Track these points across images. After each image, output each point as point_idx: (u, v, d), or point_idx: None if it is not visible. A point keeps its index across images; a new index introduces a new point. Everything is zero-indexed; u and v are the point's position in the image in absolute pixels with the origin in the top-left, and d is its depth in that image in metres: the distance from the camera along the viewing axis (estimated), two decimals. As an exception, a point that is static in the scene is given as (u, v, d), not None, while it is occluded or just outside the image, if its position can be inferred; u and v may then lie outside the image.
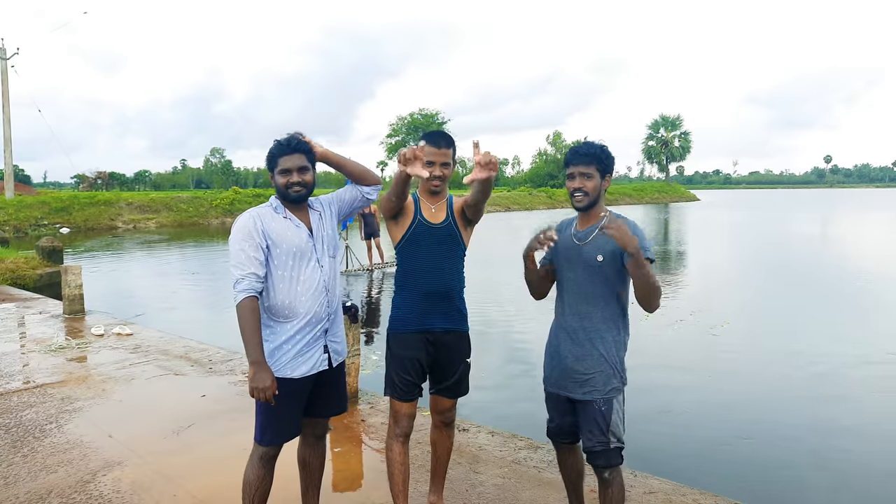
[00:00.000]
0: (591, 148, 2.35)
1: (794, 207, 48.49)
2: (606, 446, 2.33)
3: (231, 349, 6.13)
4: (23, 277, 11.19)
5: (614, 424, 2.32)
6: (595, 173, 2.33)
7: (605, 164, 2.35)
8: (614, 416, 2.32)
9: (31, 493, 3.15)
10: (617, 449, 2.35)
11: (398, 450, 2.61)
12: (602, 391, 2.31)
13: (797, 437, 4.68)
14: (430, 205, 2.62)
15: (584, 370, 2.33)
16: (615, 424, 2.33)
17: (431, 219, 2.59)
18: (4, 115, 30.10)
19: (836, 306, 9.77)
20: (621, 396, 2.36)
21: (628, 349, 2.39)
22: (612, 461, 2.35)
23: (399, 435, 2.61)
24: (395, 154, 61.10)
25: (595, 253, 2.31)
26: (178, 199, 35.79)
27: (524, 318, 8.84)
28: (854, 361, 6.61)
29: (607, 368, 2.31)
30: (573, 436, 2.50)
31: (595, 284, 2.32)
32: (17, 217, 28.25)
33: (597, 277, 2.31)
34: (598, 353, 2.32)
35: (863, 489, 3.96)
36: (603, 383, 2.31)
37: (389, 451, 2.63)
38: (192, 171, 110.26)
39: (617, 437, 2.33)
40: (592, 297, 2.33)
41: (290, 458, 3.57)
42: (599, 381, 2.32)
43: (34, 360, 5.70)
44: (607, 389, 2.31)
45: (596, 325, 2.33)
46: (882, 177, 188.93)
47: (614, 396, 2.33)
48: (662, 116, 79.83)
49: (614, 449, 2.34)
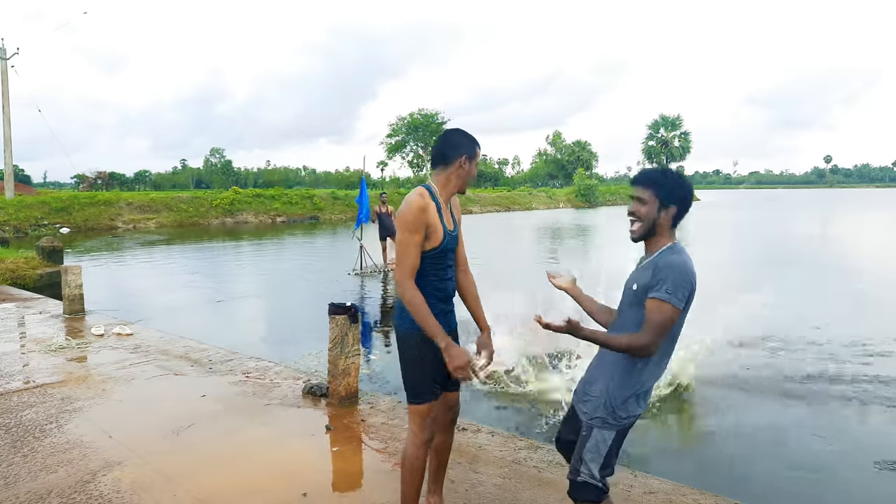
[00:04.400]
0: (652, 172, 2.20)
1: (807, 208, 48.43)
2: (574, 476, 2.22)
3: (231, 349, 6.14)
4: (23, 277, 11.19)
5: (587, 454, 2.19)
6: (652, 199, 2.17)
7: (666, 190, 2.16)
8: (589, 445, 2.18)
9: (31, 493, 3.15)
10: (584, 484, 2.19)
11: (426, 457, 2.57)
12: (589, 415, 2.21)
13: (797, 436, 4.69)
14: (449, 212, 2.52)
15: (588, 391, 2.26)
16: (588, 454, 2.19)
17: (450, 226, 2.51)
18: (4, 115, 30.10)
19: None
20: (608, 434, 2.18)
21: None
22: (575, 494, 2.23)
23: (428, 441, 2.55)
24: (394, 154, 61.16)
25: (633, 281, 2.21)
26: (178, 199, 35.79)
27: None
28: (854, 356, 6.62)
29: (603, 397, 2.19)
30: (570, 452, 2.41)
31: (628, 312, 2.21)
32: (17, 217, 28.25)
33: (630, 306, 2.20)
34: (604, 381, 2.21)
35: (863, 488, 3.97)
36: (592, 409, 2.21)
37: (417, 461, 2.54)
38: (192, 171, 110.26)
39: (588, 471, 2.18)
40: (624, 324, 2.21)
41: (287, 458, 3.58)
42: (590, 405, 2.22)
43: (34, 360, 5.70)
44: (593, 416, 2.20)
45: (614, 354, 2.19)
46: (882, 177, 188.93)
47: (597, 426, 2.18)
48: (662, 116, 79.70)
49: (581, 483, 2.20)
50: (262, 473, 3.36)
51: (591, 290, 2.71)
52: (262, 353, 6.44)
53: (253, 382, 5.00)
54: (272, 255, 19.04)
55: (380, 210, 13.46)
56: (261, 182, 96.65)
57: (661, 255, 2.15)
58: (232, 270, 15.46)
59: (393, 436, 3.88)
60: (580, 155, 75.08)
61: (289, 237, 25.74)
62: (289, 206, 38.51)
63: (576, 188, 58.96)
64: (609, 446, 2.18)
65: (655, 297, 2.06)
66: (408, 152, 62.23)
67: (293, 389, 4.79)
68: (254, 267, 15.85)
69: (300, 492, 3.14)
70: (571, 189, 59.74)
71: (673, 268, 2.07)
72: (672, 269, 2.07)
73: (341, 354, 4.41)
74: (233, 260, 18.06)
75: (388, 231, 13.48)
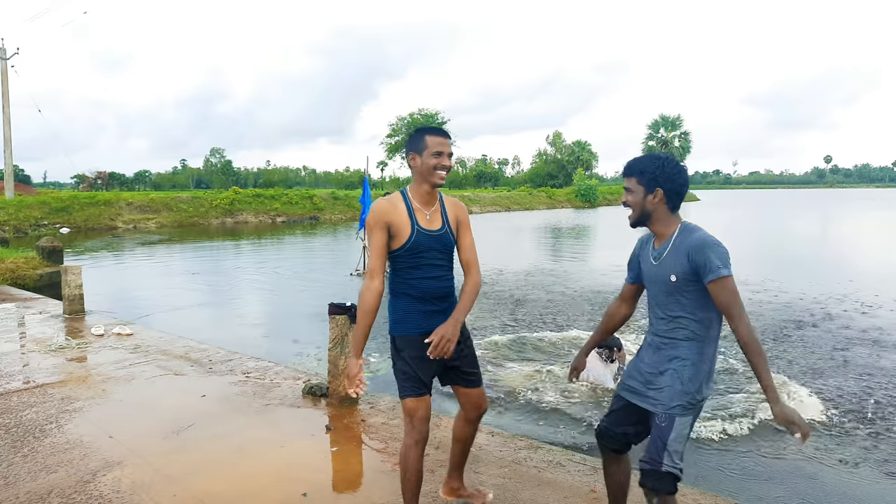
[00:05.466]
0: (635, 160, 2.27)
1: (816, 208, 48.43)
2: (657, 467, 2.20)
3: (231, 349, 6.14)
4: (23, 277, 11.18)
5: (672, 443, 2.18)
6: (637, 187, 2.25)
7: (648, 176, 2.23)
8: (674, 435, 2.18)
9: (31, 493, 3.15)
10: (669, 475, 2.19)
11: (418, 457, 2.56)
12: (666, 405, 2.20)
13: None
14: (425, 211, 2.53)
15: (656, 383, 2.25)
16: (673, 444, 2.18)
17: (428, 225, 2.52)
18: (4, 115, 30.10)
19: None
20: (686, 420, 2.20)
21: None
22: (660, 486, 2.21)
23: (418, 442, 2.52)
24: (394, 154, 61.09)
25: (668, 273, 2.20)
26: (178, 199, 35.79)
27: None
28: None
29: (677, 385, 2.18)
30: (619, 444, 2.43)
31: (673, 304, 2.21)
32: (17, 217, 28.26)
33: (674, 297, 2.20)
34: (673, 371, 2.20)
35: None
36: (669, 398, 2.20)
37: (407, 460, 2.53)
38: (193, 171, 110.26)
39: (671, 461, 2.18)
40: (673, 316, 2.21)
41: (287, 458, 3.58)
42: (666, 396, 2.21)
43: (34, 360, 5.70)
44: (671, 405, 2.19)
45: (676, 343, 2.21)
46: (882, 177, 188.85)
47: (678, 415, 2.18)
48: (662, 116, 79.71)
49: (666, 473, 2.18)
50: (262, 473, 3.36)
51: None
52: (262, 353, 6.44)
53: (253, 382, 5.00)
54: (272, 256, 19.04)
55: None
56: (261, 182, 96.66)
57: (680, 238, 2.19)
58: (232, 270, 15.46)
59: (393, 436, 3.88)
60: (580, 155, 75.05)
61: (289, 237, 25.75)
62: (289, 207, 38.51)
63: (576, 188, 58.96)
64: (688, 432, 2.22)
65: (716, 278, 2.08)
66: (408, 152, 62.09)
67: (293, 389, 4.79)
68: (254, 267, 15.85)
69: (300, 492, 3.14)
70: (571, 189, 59.74)
71: (705, 245, 2.12)
72: (706, 247, 2.11)
73: (341, 354, 4.41)
74: (233, 260, 18.06)
75: None
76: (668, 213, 2.26)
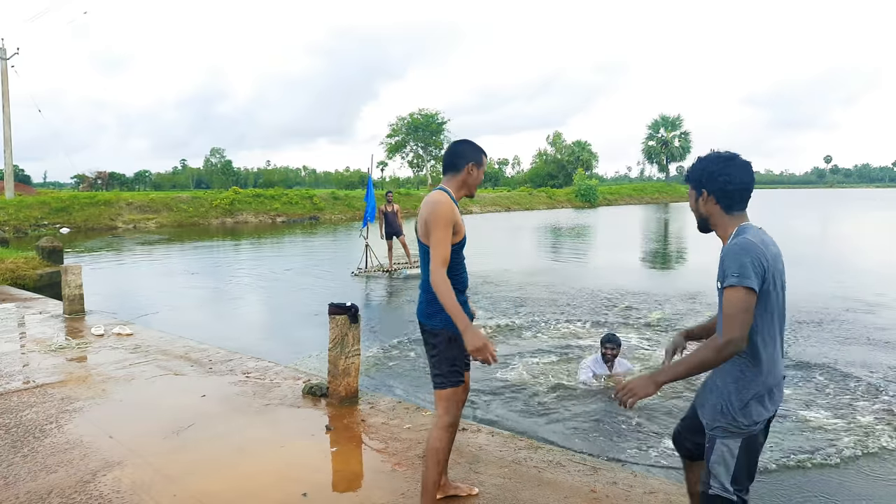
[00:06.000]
0: (690, 166, 2.23)
1: (816, 208, 48.46)
2: (705, 487, 2.12)
3: (231, 349, 6.14)
4: (23, 277, 11.18)
5: (713, 466, 2.09)
6: (691, 191, 2.21)
7: (694, 179, 2.17)
8: (714, 457, 2.08)
9: (31, 493, 3.15)
10: (717, 497, 2.08)
11: (452, 441, 2.75)
12: (709, 425, 2.12)
13: (798, 435, 4.68)
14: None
15: (703, 397, 2.20)
16: (714, 467, 2.08)
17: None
18: (4, 115, 30.11)
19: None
20: (733, 443, 2.06)
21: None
22: None
23: (452, 424, 2.73)
24: (394, 154, 61.10)
25: (717, 279, 2.09)
26: (178, 200, 35.79)
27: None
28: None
29: (717, 403, 2.09)
30: (686, 451, 2.41)
31: (721, 312, 2.08)
32: (17, 217, 28.25)
33: (720, 305, 2.08)
34: (715, 385, 2.13)
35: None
36: (711, 417, 2.11)
37: (441, 442, 2.69)
38: (193, 171, 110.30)
39: (719, 484, 2.07)
40: (721, 322, 2.05)
41: (287, 458, 3.58)
42: (708, 413, 2.13)
43: (34, 360, 5.70)
44: (713, 426, 2.10)
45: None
46: (882, 177, 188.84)
47: (719, 437, 2.08)
48: (662, 116, 79.80)
49: (713, 496, 2.09)
50: (262, 473, 3.36)
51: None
52: (262, 353, 6.44)
53: (253, 382, 5.00)
54: (273, 255, 19.04)
55: (386, 209, 13.24)
56: (261, 182, 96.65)
57: (726, 245, 2.09)
58: (232, 270, 15.46)
59: (393, 436, 3.88)
60: (580, 155, 74.99)
61: (289, 237, 25.75)
62: (289, 206, 38.50)
63: (576, 188, 58.94)
64: (737, 456, 2.06)
65: (724, 285, 1.99)
66: (408, 152, 62.14)
67: (293, 389, 4.79)
68: (254, 267, 15.85)
69: (300, 492, 3.14)
70: (571, 189, 59.68)
71: (729, 252, 2.02)
72: (729, 254, 2.01)
73: (341, 354, 4.41)
74: (233, 260, 18.06)
75: (393, 230, 13.32)
76: (722, 214, 2.14)
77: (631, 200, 63.28)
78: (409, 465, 3.46)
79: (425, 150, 60.70)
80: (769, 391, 2.07)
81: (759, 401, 2.06)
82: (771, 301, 2.04)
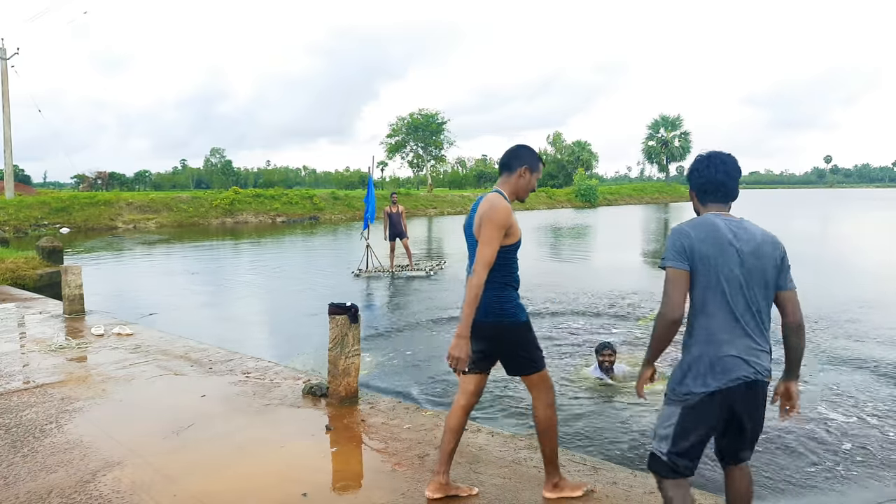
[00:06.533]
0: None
1: (816, 208, 48.44)
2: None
3: (231, 349, 6.14)
4: (23, 277, 11.19)
5: (657, 427, 2.32)
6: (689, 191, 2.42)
7: (686, 179, 2.40)
8: (659, 418, 2.31)
9: (31, 493, 3.15)
10: (651, 454, 2.33)
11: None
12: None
13: (798, 435, 4.68)
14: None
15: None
16: (658, 429, 2.31)
17: None
18: (4, 115, 30.12)
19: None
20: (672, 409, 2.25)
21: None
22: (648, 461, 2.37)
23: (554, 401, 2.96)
24: (394, 154, 61.07)
25: None
26: (178, 200, 35.80)
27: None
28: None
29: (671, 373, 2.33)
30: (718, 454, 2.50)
31: None
32: (17, 217, 28.27)
33: None
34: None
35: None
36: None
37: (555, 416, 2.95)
38: (193, 171, 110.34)
39: (655, 443, 2.31)
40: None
41: (287, 458, 3.58)
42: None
43: (34, 360, 5.70)
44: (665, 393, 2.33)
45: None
46: (882, 177, 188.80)
47: (665, 402, 2.30)
48: (662, 116, 79.77)
49: (651, 453, 2.34)
50: (262, 473, 3.36)
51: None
52: (262, 353, 6.44)
53: (253, 382, 5.00)
54: (272, 256, 19.04)
55: (390, 210, 13.02)
56: (261, 182, 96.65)
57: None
58: (232, 270, 15.46)
59: (393, 436, 3.88)
60: (580, 155, 75.00)
61: (289, 237, 25.75)
62: (289, 207, 38.51)
63: (576, 188, 58.92)
64: (675, 423, 2.22)
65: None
66: (408, 152, 62.10)
67: (293, 389, 4.79)
68: (254, 267, 15.85)
69: (300, 492, 3.14)
70: (571, 189, 59.67)
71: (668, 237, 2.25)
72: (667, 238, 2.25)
73: (341, 354, 4.41)
74: (233, 260, 18.06)
75: (397, 231, 13.08)
76: (700, 207, 2.34)
77: (631, 200, 63.28)
78: (409, 465, 3.45)
79: (425, 150, 60.64)
80: (710, 365, 2.16)
81: (696, 373, 2.18)
82: (710, 278, 2.15)
